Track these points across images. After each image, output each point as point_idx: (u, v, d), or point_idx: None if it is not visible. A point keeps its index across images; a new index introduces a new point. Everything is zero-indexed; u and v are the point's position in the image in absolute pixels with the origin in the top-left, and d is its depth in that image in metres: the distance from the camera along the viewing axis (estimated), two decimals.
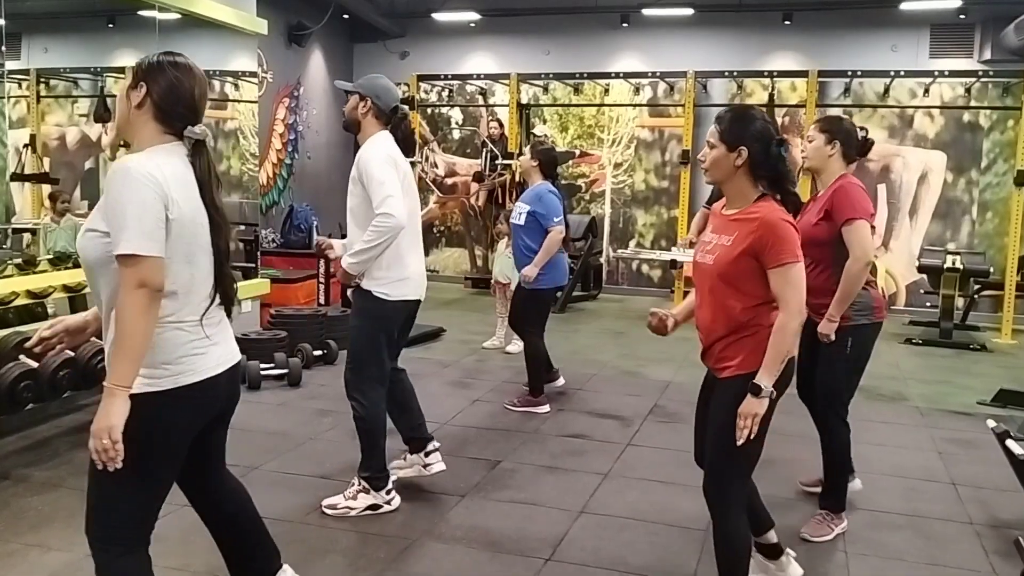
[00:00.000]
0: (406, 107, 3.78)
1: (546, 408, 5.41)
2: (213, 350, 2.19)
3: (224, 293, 2.21)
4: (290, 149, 10.25)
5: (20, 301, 4.38)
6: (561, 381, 5.81)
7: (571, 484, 4.16)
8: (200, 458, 2.35)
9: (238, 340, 2.44)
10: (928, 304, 9.08)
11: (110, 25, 8.74)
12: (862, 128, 3.71)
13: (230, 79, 9.31)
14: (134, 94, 2.12)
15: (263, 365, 5.79)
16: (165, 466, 2.19)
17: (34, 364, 4.13)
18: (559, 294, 7.02)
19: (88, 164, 9.14)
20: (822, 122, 3.69)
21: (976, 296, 8.73)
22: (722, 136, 2.62)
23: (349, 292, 3.81)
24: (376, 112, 3.63)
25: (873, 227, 3.52)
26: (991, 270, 8.39)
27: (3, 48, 5.94)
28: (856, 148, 3.65)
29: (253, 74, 8.47)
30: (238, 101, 9.41)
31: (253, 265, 7.15)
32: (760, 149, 2.59)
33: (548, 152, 5.68)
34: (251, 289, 6.36)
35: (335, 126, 11.28)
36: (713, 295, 2.65)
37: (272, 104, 9.84)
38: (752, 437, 2.52)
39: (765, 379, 2.52)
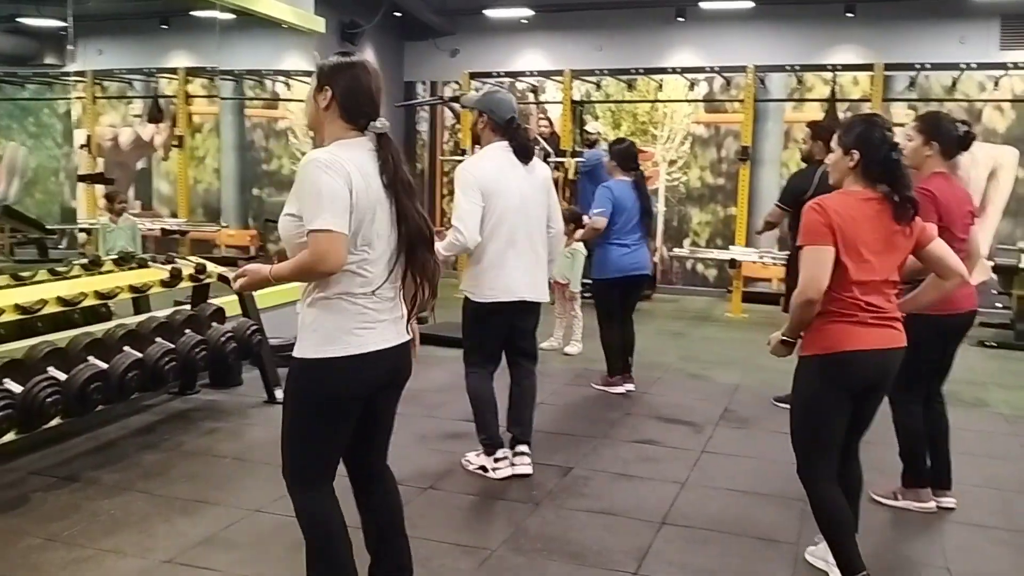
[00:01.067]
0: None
1: (620, 389, 5.75)
2: (381, 326, 2.37)
3: (417, 275, 2.38)
4: None
5: (88, 302, 4.33)
6: (629, 387, 5.88)
7: (648, 493, 4.02)
8: (368, 426, 2.55)
9: None
10: (998, 305, 8.75)
11: (163, 26, 8.77)
12: (963, 122, 3.66)
13: (282, 79, 9.29)
14: (320, 97, 2.32)
15: None
16: (331, 424, 2.41)
17: (104, 365, 4.08)
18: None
19: (140, 164, 9.18)
20: (921, 122, 3.63)
21: None
22: (839, 139, 2.85)
23: None
24: (492, 125, 3.92)
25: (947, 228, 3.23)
26: None
27: (70, 47, 5.94)
28: (955, 143, 3.62)
29: (308, 72, 8.41)
30: (290, 100, 9.40)
31: None
32: (872, 153, 2.77)
33: (621, 151, 5.87)
34: None
35: (387, 124, 11.23)
36: None
37: None
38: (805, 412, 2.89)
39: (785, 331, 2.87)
